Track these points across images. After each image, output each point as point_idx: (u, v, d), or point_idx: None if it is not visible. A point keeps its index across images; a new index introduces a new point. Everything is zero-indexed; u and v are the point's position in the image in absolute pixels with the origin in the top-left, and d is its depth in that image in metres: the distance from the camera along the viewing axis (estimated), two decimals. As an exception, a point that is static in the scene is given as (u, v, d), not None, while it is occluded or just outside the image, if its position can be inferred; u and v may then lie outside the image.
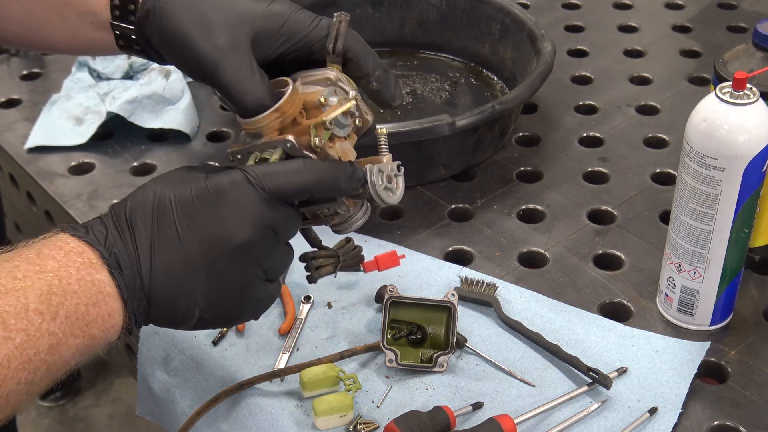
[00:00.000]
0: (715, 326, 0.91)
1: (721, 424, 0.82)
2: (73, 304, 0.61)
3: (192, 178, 0.68)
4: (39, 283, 0.60)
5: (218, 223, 0.66)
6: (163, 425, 0.95)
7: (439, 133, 1.04)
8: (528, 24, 1.24)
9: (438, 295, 0.94)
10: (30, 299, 0.59)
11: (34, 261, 0.61)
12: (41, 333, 0.59)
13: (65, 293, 0.61)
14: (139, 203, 0.66)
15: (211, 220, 0.66)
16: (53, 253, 0.62)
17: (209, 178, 0.67)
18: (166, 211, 0.66)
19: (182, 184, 0.67)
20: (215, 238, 0.66)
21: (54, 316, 0.60)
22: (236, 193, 0.66)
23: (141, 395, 0.96)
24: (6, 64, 1.44)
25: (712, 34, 1.46)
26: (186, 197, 0.66)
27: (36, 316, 0.59)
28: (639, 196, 1.11)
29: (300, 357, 0.89)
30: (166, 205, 0.66)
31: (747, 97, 0.80)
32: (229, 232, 0.66)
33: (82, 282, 0.62)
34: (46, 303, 0.60)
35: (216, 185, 0.67)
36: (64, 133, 1.24)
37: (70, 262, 0.62)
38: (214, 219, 0.66)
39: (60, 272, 0.61)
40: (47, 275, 0.61)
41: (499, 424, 0.78)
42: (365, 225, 1.05)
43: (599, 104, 1.29)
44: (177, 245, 0.66)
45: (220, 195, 0.66)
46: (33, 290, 0.59)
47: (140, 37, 0.80)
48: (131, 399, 2.10)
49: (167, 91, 1.26)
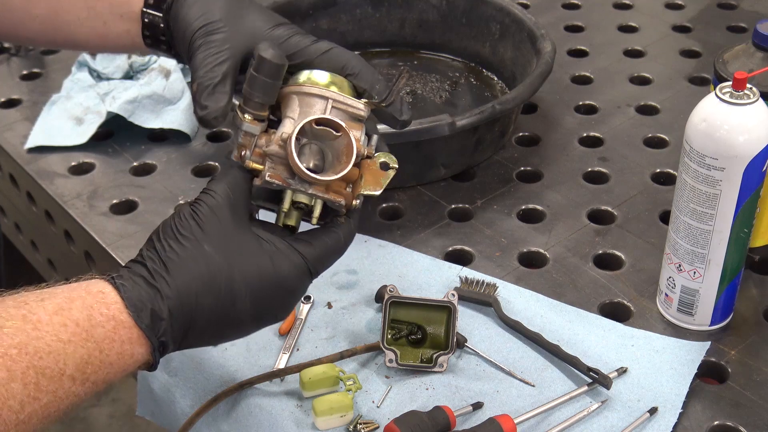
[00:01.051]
0: (715, 326, 0.91)
1: (721, 424, 0.82)
2: (104, 373, 0.63)
3: (255, 254, 0.69)
4: (81, 351, 0.61)
5: (275, 305, 0.71)
6: (163, 425, 0.95)
7: (439, 133, 1.04)
8: (528, 24, 1.24)
9: (438, 295, 0.94)
10: (68, 365, 0.60)
11: (83, 325, 0.62)
12: (68, 395, 0.61)
13: (101, 364, 0.63)
14: (207, 284, 0.67)
15: (269, 300, 0.70)
16: (103, 322, 0.63)
17: (273, 258, 0.70)
18: (237, 297, 0.68)
19: (247, 261, 0.69)
20: (271, 313, 0.72)
21: (84, 381, 0.62)
22: (297, 283, 0.72)
23: (141, 395, 0.96)
24: (6, 64, 1.44)
25: (712, 34, 1.46)
26: (254, 283, 0.69)
27: (68, 382, 0.60)
28: (639, 196, 1.11)
29: (300, 357, 0.89)
30: (238, 291, 0.68)
31: (747, 97, 0.80)
32: (281, 312, 0.73)
33: (121, 356, 0.64)
34: (81, 371, 0.61)
35: (280, 272, 0.70)
36: (64, 133, 1.24)
37: (116, 336, 0.63)
38: (273, 300, 0.71)
39: (103, 344, 0.63)
40: (90, 344, 0.62)
41: (499, 424, 0.78)
42: (365, 225, 1.06)
43: (599, 104, 1.29)
44: (238, 323, 0.70)
45: (283, 280, 0.70)
46: (74, 358, 0.61)
47: (166, 26, 0.82)
48: (131, 399, 2.10)
49: (167, 91, 1.26)
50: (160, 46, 0.86)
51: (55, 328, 0.60)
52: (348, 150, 0.74)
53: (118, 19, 0.84)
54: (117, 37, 0.86)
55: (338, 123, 0.74)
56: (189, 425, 0.84)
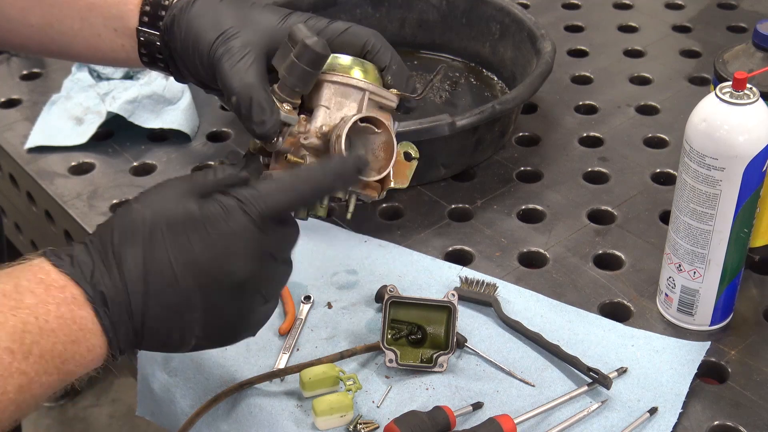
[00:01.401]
0: (715, 326, 0.91)
1: (721, 424, 0.82)
2: (49, 342, 0.58)
3: (183, 204, 0.63)
4: (12, 320, 0.57)
5: (216, 259, 0.63)
6: (163, 425, 0.95)
7: (439, 133, 1.04)
8: (528, 24, 1.24)
9: (438, 295, 0.94)
10: (1, 338, 0.56)
11: (10, 295, 0.58)
12: (10, 372, 0.56)
13: (41, 332, 0.58)
14: (127, 233, 0.62)
15: (207, 255, 0.63)
16: (32, 286, 0.59)
17: (202, 206, 0.64)
18: (157, 244, 0.62)
19: (173, 212, 0.63)
20: (214, 274, 0.63)
21: (26, 355, 0.57)
22: (231, 225, 0.63)
23: (141, 395, 0.96)
24: (6, 64, 1.44)
25: (712, 34, 1.46)
26: (178, 229, 0.62)
27: (6, 355, 0.56)
28: (639, 196, 1.11)
29: (300, 357, 0.89)
30: (158, 238, 0.62)
31: (747, 97, 0.80)
32: (229, 269, 0.63)
33: (62, 320, 0.59)
34: (19, 342, 0.56)
35: (209, 215, 0.63)
36: (64, 133, 1.24)
37: (50, 298, 0.59)
38: (211, 254, 0.63)
39: (37, 309, 0.58)
40: (23, 312, 0.57)
41: (499, 424, 0.78)
42: (365, 225, 1.06)
43: (599, 104, 1.29)
44: (172, 281, 0.62)
45: (214, 227, 0.63)
46: (5, 328, 0.56)
47: (164, 45, 0.81)
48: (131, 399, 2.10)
49: (167, 91, 1.26)
50: (157, 64, 0.85)
51: None
52: (387, 148, 0.74)
53: (113, 33, 0.83)
54: (112, 51, 0.84)
55: (381, 121, 0.74)
56: (189, 425, 0.84)
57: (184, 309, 0.63)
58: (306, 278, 0.98)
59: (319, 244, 1.03)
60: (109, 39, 0.84)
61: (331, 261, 1.00)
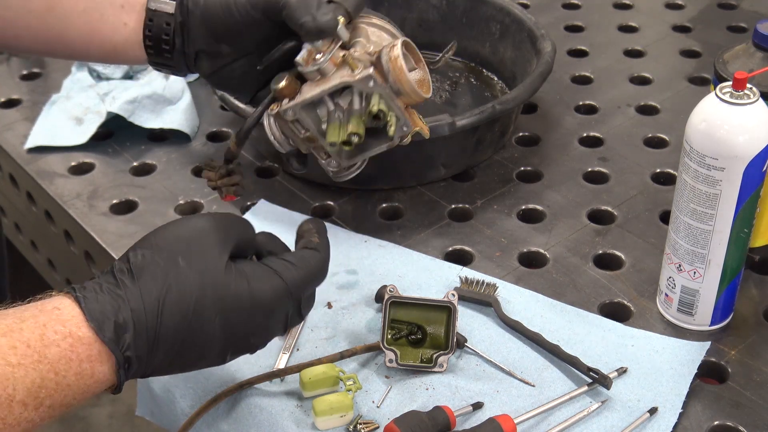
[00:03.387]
0: (715, 326, 0.91)
1: (721, 424, 0.82)
2: (62, 396, 0.58)
3: (231, 275, 0.65)
4: (32, 374, 0.56)
5: (251, 329, 0.67)
6: (163, 425, 0.95)
7: (439, 133, 1.04)
8: (528, 24, 1.24)
9: (438, 295, 0.94)
10: (18, 390, 0.56)
11: (35, 347, 0.57)
12: (18, 421, 0.56)
13: (57, 387, 0.58)
14: (177, 302, 0.62)
15: (244, 326, 0.66)
16: (58, 340, 0.58)
17: (250, 280, 0.66)
18: (206, 319, 0.63)
19: (221, 281, 0.64)
20: (245, 341, 0.68)
21: (38, 406, 0.57)
22: (274, 305, 0.67)
23: (141, 395, 0.96)
24: (6, 64, 1.44)
25: (712, 34, 1.46)
26: (226, 304, 0.64)
27: (19, 408, 0.56)
28: (639, 196, 1.11)
29: (300, 357, 0.89)
30: (208, 313, 0.63)
31: (747, 97, 0.80)
32: (256, 339, 0.70)
33: (80, 376, 0.59)
34: (34, 396, 0.57)
35: (255, 294, 0.66)
36: (64, 133, 1.24)
37: (74, 355, 0.58)
38: (247, 326, 0.67)
39: (59, 365, 0.58)
40: (44, 366, 0.57)
41: (499, 424, 0.78)
42: (365, 225, 1.06)
43: (599, 104, 1.29)
44: (206, 350, 0.65)
45: (257, 302, 0.66)
46: (24, 382, 0.56)
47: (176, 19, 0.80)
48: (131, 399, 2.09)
49: (167, 91, 1.26)
50: (161, 48, 0.82)
51: (2, 351, 0.56)
52: (423, 85, 0.78)
53: (118, 10, 0.81)
54: (112, 32, 0.82)
55: (420, 55, 0.76)
56: (189, 425, 0.84)
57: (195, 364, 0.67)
58: (306, 278, 0.98)
59: (319, 244, 1.03)
60: (112, 17, 0.82)
61: (331, 261, 1.00)
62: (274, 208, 1.09)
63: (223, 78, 0.84)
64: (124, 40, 0.83)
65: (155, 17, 0.81)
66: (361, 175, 1.11)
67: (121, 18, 0.82)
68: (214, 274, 0.64)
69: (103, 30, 0.83)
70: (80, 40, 0.84)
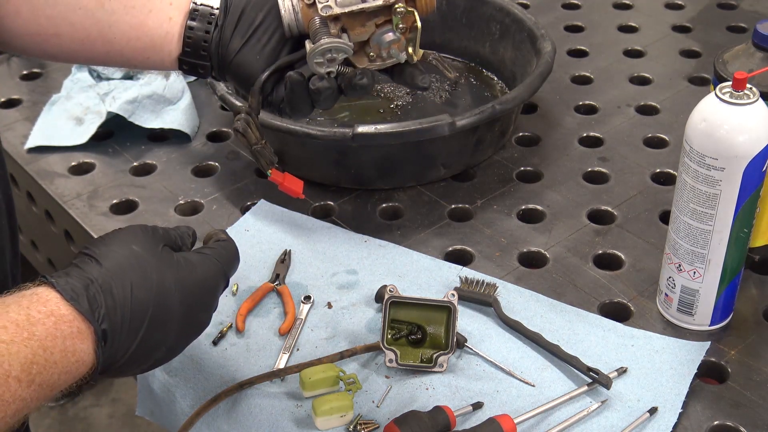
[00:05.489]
0: (715, 326, 0.91)
1: (721, 424, 0.82)
2: (49, 374, 0.61)
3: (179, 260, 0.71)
4: (24, 351, 0.59)
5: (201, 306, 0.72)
6: (163, 425, 0.95)
7: (439, 133, 1.04)
8: (528, 24, 1.24)
9: (438, 295, 0.94)
10: (13, 366, 0.59)
11: (23, 326, 0.60)
12: (14, 399, 0.59)
13: (46, 364, 0.61)
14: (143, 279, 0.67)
15: (196, 303, 0.71)
16: (43, 318, 0.62)
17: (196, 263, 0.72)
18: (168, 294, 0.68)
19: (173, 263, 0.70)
20: (197, 318, 0.73)
21: (30, 383, 0.60)
22: (217, 282, 0.74)
23: (141, 395, 0.96)
24: (6, 64, 1.44)
25: (712, 34, 1.46)
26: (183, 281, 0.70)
27: (14, 384, 0.59)
28: (639, 196, 1.11)
29: (300, 357, 0.89)
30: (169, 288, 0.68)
31: (747, 97, 0.80)
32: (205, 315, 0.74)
33: (65, 353, 0.62)
34: (27, 371, 0.59)
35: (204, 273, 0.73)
36: (64, 133, 1.24)
37: (58, 332, 0.62)
38: (198, 303, 0.72)
39: (46, 342, 0.61)
40: (34, 342, 0.60)
41: (499, 424, 0.78)
42: (365, 225, 1.06)
43: (599, 104, 1.29)
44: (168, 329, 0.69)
45: (205, 281, 0.72)
46: (18, 358, 0.59)
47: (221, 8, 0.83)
48: (131, 399, 2.10)
49: (167, 91, 1.26)
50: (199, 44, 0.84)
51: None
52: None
53: (167, 6, 0.84)
54: (155, 26, 0.84)
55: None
56: (189, 425, 0.84)
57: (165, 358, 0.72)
58: (306, 278, 0.98)
59: (319, 244, 1.03)
60: (160, 12, 0.84)
61: (331, 261, 1.01)
62: (273, 208, 1.09)
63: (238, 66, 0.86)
64: (164, 34, 0.85)
65: (200, 9, 0.84)
66: (361, 175, 1.11)
67: (168, 12, 0.85)
68: (167, 258, 0.70)
69: (147, 24, 0.85)
70: (122, 37, 0.86)
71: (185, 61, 0.85)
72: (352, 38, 0.80)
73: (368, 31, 0.80)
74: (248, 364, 0.88)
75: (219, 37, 0.84)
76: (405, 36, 0.81)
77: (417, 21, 0.81)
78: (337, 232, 1.05)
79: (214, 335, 0.91)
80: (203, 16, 0.84)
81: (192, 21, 0.84)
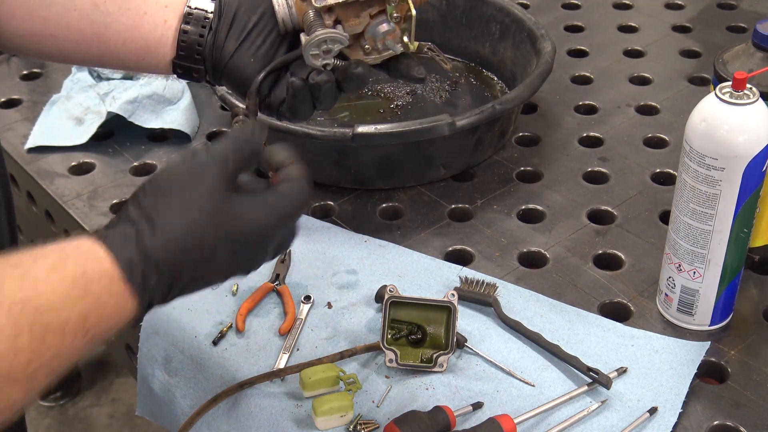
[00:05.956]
0: (715, 326, 0.91)
1: (721, 424, 0.82)
2: (101, 328, 0.63)
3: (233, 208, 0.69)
4: (80, 305, 0.61)
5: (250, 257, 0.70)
6: (163, 425, 0.95)
7: (439, 133, 1.04)
8: (528, 24, 1.24)
9: (438, 295, 0.94)
10: (70, 320, 0.61)
11: (79, 283, 0.62)
12: (70, 350, 0.61)
13: (99, 319, 0.63)
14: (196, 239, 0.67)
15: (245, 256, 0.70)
16: (97, 278, 0.63)
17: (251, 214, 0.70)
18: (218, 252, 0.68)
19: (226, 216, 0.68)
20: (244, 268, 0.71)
21: (84, 335, 0.62)
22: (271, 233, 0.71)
23: (141, 395, 0.96)
24: (6, 64, 1.44)
25: (712, 34, 1.46)
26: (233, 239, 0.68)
27: (70, 337, 0.61)
28: (639, 196, 1.11)
29: (300, 357, 0.89)
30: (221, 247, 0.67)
31: (747, 97, 0.80)
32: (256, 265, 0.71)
33: (118, 311, 0.64)
34: (82, 325, 0.61)
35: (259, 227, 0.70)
36: (64, 133, 1.24)
37: (111, 291, 0.64)
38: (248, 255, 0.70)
39: (99, 300, 0.63)
40: (89, 300, 0.62)
41: (499, 424, 0.78)
42: (365, 225, 1.06)
43: (599, 104, 1.29)
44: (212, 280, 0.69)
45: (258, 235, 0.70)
46: (75, 312, 0.61)
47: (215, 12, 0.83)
48: (131, 399, 2.10)
49: (167, 91, 1.26)
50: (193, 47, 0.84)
51: (53, 285, 0.61)
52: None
53: (162, 9, 0.84)
54: (150, 29, 0.85)
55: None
56: (189, 425, 0.84)
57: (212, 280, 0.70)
58: (306, 278, 0.98)
59: (319, 244, 1.03)
60: (155, 14, 0.85)
61: (331, 261, 1.01)
62: (274, 208, 1.09)
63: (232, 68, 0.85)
64: (159, 36, 0.85)
65: (194, 13, 0.84)
66: (361, 175, 1.11)
67: (162, 15, 0.85)
68: (220, 208, 0.68)
69: (142, 26, 0.85)
70: (116, 38, 0.86)
71: (179, 64, 0.85)
72: (347, 30, 0.79)
73: (362, 23, 0.80)
74: (248, 364, 0.88)
75: (213, 40, 0.84)
76: (399, 26, 0.81)
77: (411, 9, 0.81)
78: (337, 232, 1.05)
79: (214, 335, 0.91)
80: (197, 20, 0.84)
81: (186, 25, 0.84)
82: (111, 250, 0.65)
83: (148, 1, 0.85)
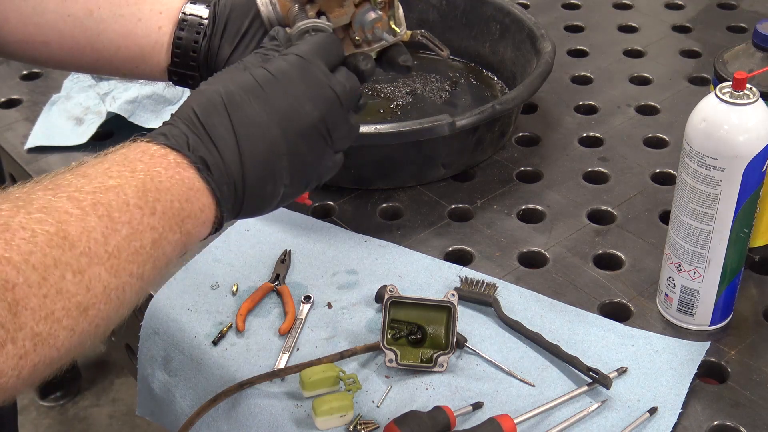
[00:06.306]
0: (715, 326, 0.91)
1: (721, 424, 0.82)
2: (167, 200, 0.63)
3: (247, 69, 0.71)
4: (133, 181, 0.62)
5: (293, 104, 0.70)
6: (163, 425, 0.95)
7: (439, 133, 1.04)
8: (528, 24, 1.24)
9: (438, 295, 0.94)
10: (129, 195, 0.61)
11: (123, 163, 0.63)
12: (144, 227, 0.61)
13: (159, 190, 0.63)
14: (207, 105, 0.68)
15: (284, 101, 0.70)
16: (139, 156, 0.64)
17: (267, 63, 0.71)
18: (239, 104, 0.68)
19: (242, 77, 0.70)
20: (293, 119, 0.70)
21: (153, 211, 0.62)
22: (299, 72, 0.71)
23: (141, 395, 0.96)
24: (6, 64, 1.44)
25: (712, 34, 1.46)
26: (253, 86, 0.69)
27: (137, 211, 0.61)
28: (639, 196, 1.11)
29: (300, 357, 0.89)
30: (237, 100, 0.68)
31: (747, 97, 0.80)
32: (304, 110, 0.70)
33: (173, 180, 0.64)
34: (144, 199, 0.62)
35: (279, 69, 0.70)
36: (64, 133, 1.24)
37: (157, 164, 0.64)
38: (288, 100, 0.70)
39: (150, 172, 0.63)
40: (139, 174, 0.62)
41: (499, 424, 0.78)
42: (365, 225, 1.06)
43: (599, 104, 1.29)
44: (260, 133, 0.68)
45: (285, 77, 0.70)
46: (130, 187, 0.61)
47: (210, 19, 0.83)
48: (131, 399, 2.10)
49: (167, 91, 1.26)
50: (188, 54, 0.84)
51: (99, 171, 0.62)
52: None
53: (156, 15, 0.84)
54: (144, 35, 0.84)
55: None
56: (189, 425, 0.84)
57: (274, 158, 0.69)
58: (306, 278, 0.98)
59: (319, 244, 1.03)
60: (149, 21, 0.84)
61: (331, 261, 1.01)
62: (274, 208, 1.09)
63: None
64: (153, 43, 0.85)
65: (188, 19, 0.84)
66: (361, 175, 1.11)
67: (157, 22, 0.85)
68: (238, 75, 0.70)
69: (137, 33, 0.85)
70: (110, 45, 0.86)
71: (174, 71, 0.85)
72: (333, 22, 0.79)
73: (347, 12, 0.80)
74: (248, 364, 0.88)
75: (207, 47, 0.83)
76: (385, 13, 0.81)
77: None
78: (337, 232, 1.05)
79: (214, 335, 0.91)
80: (192, 26, 0.84)
81: (181, 31, 0.84)
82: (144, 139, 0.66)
83: (142, 8, 0.85)
